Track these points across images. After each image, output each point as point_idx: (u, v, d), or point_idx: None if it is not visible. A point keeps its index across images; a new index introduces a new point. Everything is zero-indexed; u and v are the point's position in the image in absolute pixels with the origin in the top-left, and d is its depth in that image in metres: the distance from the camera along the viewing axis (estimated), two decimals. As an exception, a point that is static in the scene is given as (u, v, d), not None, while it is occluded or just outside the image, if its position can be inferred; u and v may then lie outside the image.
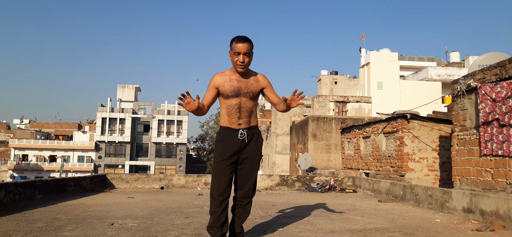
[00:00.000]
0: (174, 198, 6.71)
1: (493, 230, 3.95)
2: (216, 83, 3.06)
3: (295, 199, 6.92)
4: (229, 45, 3.04)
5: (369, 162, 11.69)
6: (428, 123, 9.75)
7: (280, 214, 4.92)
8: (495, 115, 5.77)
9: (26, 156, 49.66)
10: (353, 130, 13.17)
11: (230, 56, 3.05)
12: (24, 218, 4.32)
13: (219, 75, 3.08)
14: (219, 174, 3.03)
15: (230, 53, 3.04)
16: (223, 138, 3.06)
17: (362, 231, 3.88)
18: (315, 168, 17.17)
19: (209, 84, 3.09)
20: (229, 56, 3.06)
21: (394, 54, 27.20)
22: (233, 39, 3.02)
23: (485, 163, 6.03)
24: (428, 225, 4.30)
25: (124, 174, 8.92)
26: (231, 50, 3.02)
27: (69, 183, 7.11)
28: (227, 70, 3.12)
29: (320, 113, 22.37)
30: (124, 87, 52.02)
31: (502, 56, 7.69)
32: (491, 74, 6.03)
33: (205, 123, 55.93)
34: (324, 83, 33.00)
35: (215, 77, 3.08)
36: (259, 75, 3.17)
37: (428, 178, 9.59)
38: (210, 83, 3.09)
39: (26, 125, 62.97)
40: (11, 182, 5.30)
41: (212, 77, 3.10)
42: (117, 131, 48.75)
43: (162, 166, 49.40)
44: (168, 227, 3.94)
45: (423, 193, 5.98)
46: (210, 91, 3.08)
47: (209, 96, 3.08)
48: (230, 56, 3.05)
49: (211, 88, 3.08)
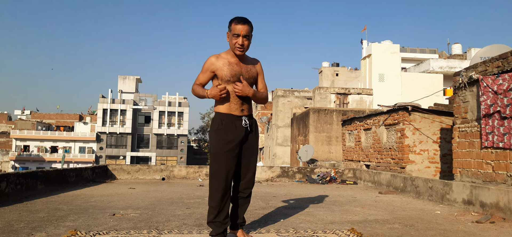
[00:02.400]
0: (175, 189, 6.74)
1: (493, 222, 3.96)
2: (212, 67, 2.89)
3: (296, 190, 6.94)
4: (228, 26, 2.88)
5: (369, 154, 11.70)
6: (429, 115, 9.74)
7: (281, 205, 4.94)
8: (496, 108, 5.76)
9: (28, 147, 49.78)
10: (354, 122, 13.16)
11: (228, 37, 2.89)
12: (26, 208, 4.35)
13: (215, 57, 2.90)
14: (222, 166, 2.86)
15: (228, 34, 2.88)
16: (226, 126, 2.88)
17: (362, 222, 3.89)
18: (316, 160, 17.20)
19: (204, 66, 2.92)
20: (227, 37, 2.90)
21: (395, 46, 27.07)
22: (232, 20, 2.87)
23: (486, 155, 6.03)
24: (428, 216, 4.31)
25: (125, 165, 8.95)
26: (229, 32, 2.87)
27: (71, 173, 7.14)
28: (222, 53, 2.95)
29: (321, 105, 22.35)
30: (125, 78, 51.94)
31: (504, 48, 7.65)
32: (493, 66, 6.00)
33: (206, 115, 56.03)
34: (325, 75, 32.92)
35: (210, 59, 2.91)
36: (255, 60, 3.09)
37: (429, 170, 9.60)
38: (205, 65, 2.92)
39: (28, 116, 63.03)
40: (13, 173, 5.32)
41: (207, 59, 2.94)
42: (118, 122, 48.77)
43: (163, 157, 49.49)
44: (170, 217, 3.96)
45: (424, 185, 5.99)
46: (206, 74, 2.92)
47: (205, 79, 2.93)
48: (228, 38, 2.89)
49: (207, 71, 2.91)
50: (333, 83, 32.38)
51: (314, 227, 3.59)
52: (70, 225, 3.47)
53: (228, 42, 2.92)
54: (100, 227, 3.43)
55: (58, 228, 3.36)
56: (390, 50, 26.66)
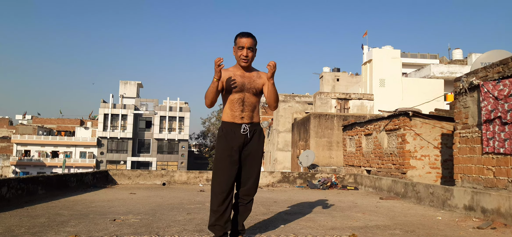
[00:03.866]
0: (176, 194, 6.73)
1: (494, 228, 3.95)
2: (221, 77, 3.06)
3: (297, 196, 6.93)
4: (233, 41, 3.11)
5: (370, 159, 11.69)
6: (430, 121, 9.74)
7: (281, 211, 4.93)
8: (497, 113, 5.76)
9: (29, 151, 49.80)
10: (354, 127, 13.16)
11: (234, 51, 3.11)
12: (26, 214, 4.35)
13: (224, 71, 3.09)
14: (222, 171, 3.00)
15: (234, 48, 3.10)
16: (226, 133, 3.05)
17: (363, 228, 3.89)
18: (317, 165, 17.18)
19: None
20: (233, 52, 3.11)
21: (396, 51, 27.10)
22: (237, 34, 3.09)
23: (487, 161, 6.02)
24: (429, 222, 4.30)
25: (126, 170, 8.94)
26: (235, 45, 3.08)
27: (72, 179, 7.14)
28: (230, 67, 3.15)
29: (322, 110, 22.36)
30: (126, 84, 52.05)
31: (505, 54, 7.66)
32: (494, 72, 6.01)
33: (206, 120, 56.01)
34: (326, 80, 32.96)
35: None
36: (262, 73, 3.19)
37: (430, 175, 9.58)
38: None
39: (29, 120, 63.14)
40: (13, 178, 5.32)
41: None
42: (119, 127, 48.83)
43: (164, 162, 49.49)
44: (170, 223, 3.96)
45: (425, 190, 5.98)
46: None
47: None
48: (234, 52, 3.11)
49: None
50: (334, 88, 32.41)
51: (315, 233, 3.58)
52: (71, 231, 3.47)
53: (235, 56, 3.11)
54: (101, 232, 3.43)
55: (58, 233, 3.36)
56: (391, 55, 26.69)
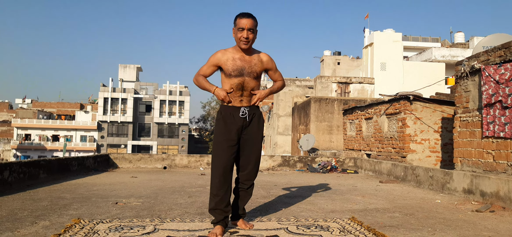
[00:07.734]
0: (177, 178, 6.78)
1: (493, 211, 3.99)
2: (217, 61, 2.99)
3: (297, 179, 6.98)
4: (233, 22, 2.97)
5: (370, 143, 11.72)
6: (430, 105, 9.73)
7: (282, 194, 4.97)
8: (498, 97, 5.75)
9: (29, 135, 49.93)
10: (355, 111, 13.16)
11: (233, 33, 2.98)
12: (29, 197, 4.38)
13: (222, 53, 3.00)
14: (221, 154, 2.94)
15: (233, 30, 2.97)
16: (224, 116, 2.98)
17: (363, 211, 3.92)
18: (317, 149, 17.24)
19: (210, 60, 3.02)
20: (233, 33, 2.98)
21: (398, 34, 26.87)
22: (237, 15, 2.97)
23: (487, 145, 6.04)
24: (428, 205, 4.34)
25: (127, 154, 8.98)
26: (235, 27, 2.95)
27: (73, 162, 7.18)
28: (230, 48, 3.03)
29: (323, 94, 22.33)
30: (125, 67, 51.83)
31: (507, 37, 7.61)
32: (495, 56, 5.98)
33: (207, 104, 56.05)
34: (327, 64, 32.83)
35: (217, 54, 3.01)
36: (263, 55, 3.09)
37: (430, 159, 9.62)
38: (211, 59, 3.02)
39: (29, 104, 63.11)
40: (15, 162, 5.35)
41: (214, 53, 3.03)
42: (119, 111, 48.82)
43: (164, 146, 49.64)
44: (172, 206, 3.99)
45: (424, 174, 6.01)
46: (209, 67, 3.02)
47: (209, 72, 3.04)
48: (233, 34, 2.98)
49: (211, 65, 3.01)
50: (335, 72, 32.30)
51: (315, 215, 3.61)
52: (73, 214, 3.50)
53: (234, 38, 2.99)
54: (103, 215, 3.46)
55: (61, 216, 3.39)
56: (392, 38, 26.48)
